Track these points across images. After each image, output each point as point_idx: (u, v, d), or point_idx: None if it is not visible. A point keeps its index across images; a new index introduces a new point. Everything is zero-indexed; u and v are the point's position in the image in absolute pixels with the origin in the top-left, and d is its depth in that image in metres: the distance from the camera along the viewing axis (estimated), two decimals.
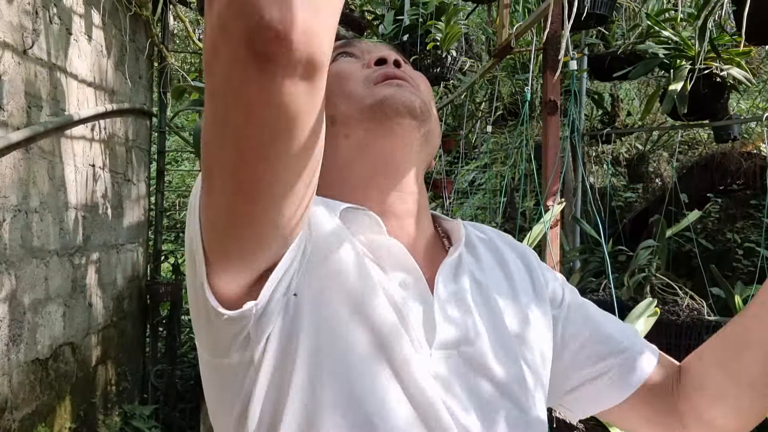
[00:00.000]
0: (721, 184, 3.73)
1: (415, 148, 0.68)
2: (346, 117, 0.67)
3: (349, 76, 0.69)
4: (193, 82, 3.36)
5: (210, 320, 0.56)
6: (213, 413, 0.64)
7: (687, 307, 2.17)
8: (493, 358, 0.62)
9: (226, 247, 0.52)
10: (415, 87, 0.68)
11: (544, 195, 1.91)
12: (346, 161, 0.68)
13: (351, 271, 0.59)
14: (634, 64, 2.48)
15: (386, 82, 0.67)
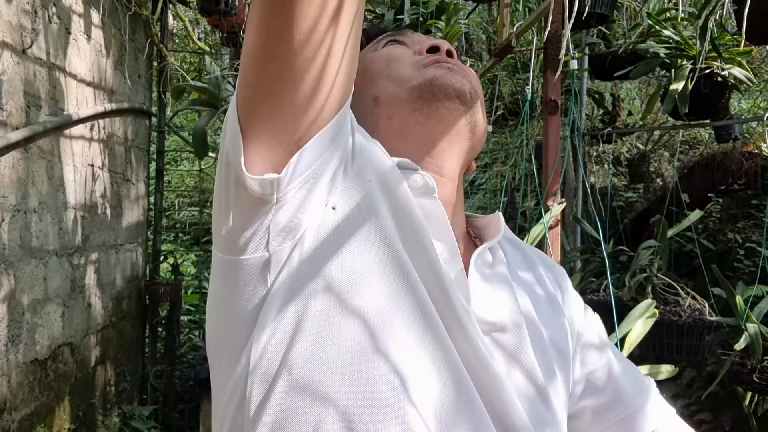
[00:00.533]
0: (722, 184, 3.72)
1: (460, 136, 0.65)
2: (391, 97, 0.65)
3: (398, 59, 0.68)
4: (192, 82, 3.35)
5: (230, 199, 0.53)
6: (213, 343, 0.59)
7: (688, 307, 2.17)
8: (526, 350, 0.60)
9: (252, 102, 0.52)
10: (466, 74, 0.67)
11: (545, 195, 1.91)
12: (386, 143, 0.64)
13: (407, 216, 0.56)
14: (635, 63, 2.47)
15: (437, 64, 0.65)
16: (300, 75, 0.51)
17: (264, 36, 0.51)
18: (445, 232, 0.61)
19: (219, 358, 0.58)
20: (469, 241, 0.70)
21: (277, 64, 0.51)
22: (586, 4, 2.06)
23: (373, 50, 0.71)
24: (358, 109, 0.66)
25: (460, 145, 0.66)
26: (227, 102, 3.06)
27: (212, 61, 3.66)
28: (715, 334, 2.08)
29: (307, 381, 0.51)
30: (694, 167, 3.96)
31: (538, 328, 0.63)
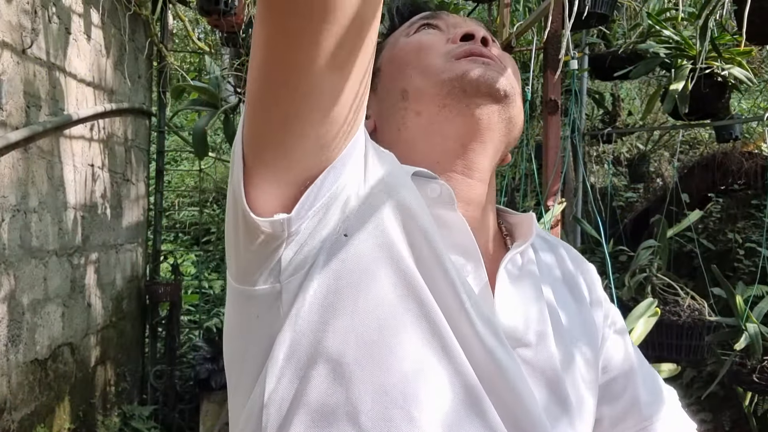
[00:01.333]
0: (722, 184, 3.72)
1: (493, 134, 0.61)
2: (419, 91, 0.61)
3: (429, 49, 0.63)
4: (192, 82, 3.35)
5: (240, 234, 0.51)
6: (229, 364, 0.57)
7: (688, 307, 2.16)
8: (554, 366, 0.58)
9: (258, 147, 0.49)
10: (501, 68, 0.62)
11: (545, 195, 1.91)
12: (413, 139, 0.62)
13: (423, 237, 0.53)
14: (635, 63, 2.47)
15: (470, 57, 0.61)
16: (310, 124, 0.47)
17: (268, 79, 0.47)
18: (468, 243, 0.57)
19: (235, 382, 0.57)
20: (501, 239, 0.67)
21: (282, 111, 0.47)
22: (586, 4, 2.06)
23: (405, 35, 0.67)
24: (385, 103, 0.63)
25: (493, 144, 0.62)
26: (227, 102, 3.06)
27: (212, 61, 3.65)
28: (715, 334, 2.08)
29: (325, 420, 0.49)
30: (694, 167, 3.96)
31: (566, 334, 0.61)
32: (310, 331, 0.50)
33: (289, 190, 0.49)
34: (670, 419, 0.70)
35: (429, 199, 0.57)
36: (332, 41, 0.44)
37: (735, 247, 3.73)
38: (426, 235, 0.53)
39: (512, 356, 0.53)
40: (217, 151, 5.24)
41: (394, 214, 0.53)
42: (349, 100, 0.48)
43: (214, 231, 5.80)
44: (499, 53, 0.64)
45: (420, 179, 0.58)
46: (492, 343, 0.52)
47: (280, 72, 0.46)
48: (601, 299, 0.71)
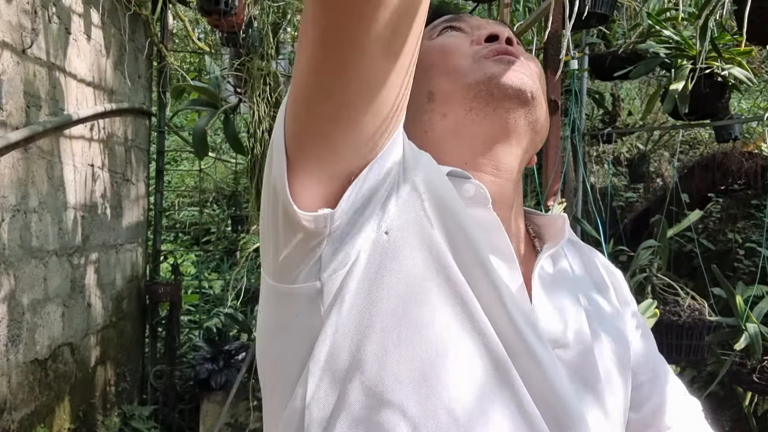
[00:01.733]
0: (722, 184, 3.72)
1: (520, 136, 0.61)
2: (446, 94, 0.61)
3: (454, 51, 0.63)
4: (192, 82, 3.35)
5: (279, 230, 0.51)
6: (265, 367, 0.57)
7: (688, 307, 2.16)
8: (591, 366, 0.57)
9: (303, 140, 0.49)
10: (527, 69, 0.61)
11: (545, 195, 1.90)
12: (440, 140, 0.62)
13: (463, 235, 0.52)
14: (635, 63, 2.47)
15: (497, 57, 0.60)
16: (359, 116, 0.47)
17: (319, 75, 0.47)
18: (503, 244, 0.57)
19: (272, 385, 0.56)
20: (529, 241, 0.66)
21: (332, 105, 0.47)
22: (586, 4, 2.06)
23: (428, 38, 0.66)
24: (411, 105, 0.61)
25: (519, 144, 0.62)
26: (227, 102, 3.06)
27: (212, 61, 3.66)
28: (715, 334, 2.08)
29: (369, 421, 0.48)
30: (694, 167, 3.96)
31: (600, 338, 0.61)
32: (351, 330, 0.49)
33: (332, 184, 0.49)
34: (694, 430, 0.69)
35: (464, 199, 0.57)
36: (386, 28, 0.44)
37: (735, 247, 3.73)
38: (465, 233, 0.53)
39: (551, 354, 0.53)
40: (217, 151, 5.24)
41: (433, 211, 0.53)
42: (397, 90, 0.48)
43: (214, 231, 5.80)
44: (523, 53, 0.64)
45: (454, 179, 0.57)
46: (532, 340, 0.52)
47: (333, 67, 0.46)
48: (628, 301, 0.70)
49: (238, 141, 2.99)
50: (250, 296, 3.67)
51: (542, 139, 0.64)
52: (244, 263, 3.26)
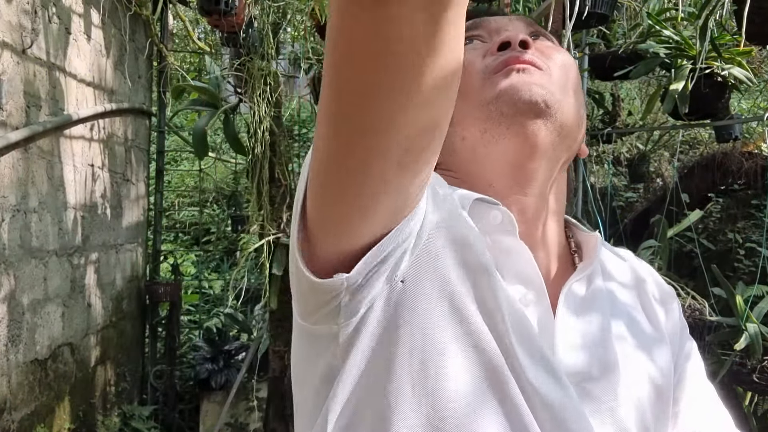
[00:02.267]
0: (722, 184, 3.72)
1: (543, 150, 0.58)
2: (462, 116, 0.58)
3: (468, 68, 0.59)
4: (192, 82, 3.35)
5: (300, 281, 0.51)
6: (295, 384, 0.58)
7: (688, 307, 2.16)
8: (622, 401, 0.54)
9: (321, 218, 0.48)
10: (543, 72, 0.58)
11: None
12: (464, 163, 0.60)
13: (478, 277, 0.51)
14: (635, 63, 2.47)
15: (506, 69, 0.57)
16: (397, 187, 0.45)
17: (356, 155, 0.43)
18: (530, 271, 0.56)
19: (300, 402, 0.58)
20: (568, 256, 0.64)
21: (346, 204, 0.45)
22: (586, 4, 2.06)
23: None
24: None
25: (545, 156, 0.58)
26: (227, 102, 3.06)
27: (212, 61, 3.65)
28: (715, 334, 2.08)
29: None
30: (694, 167, 3.96)
31: (634, 366, 0.57)
32: (368, 374, 0.50)
33: (350, 253, 0.49)
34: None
35: (491, 226, 0.56)
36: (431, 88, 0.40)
37: (735, 247, 3.73)
38: (488, 284, 0.51)
39: (569, 393, 0.51)
40: (217, 151, 5.24)
41: (450, 253, 0.52)
42: (419, 185, 0.47)
43: (213, 231, 5.80)
44: (543, 52, 0.60)
45: (482, 205, 0.57)
46: (543, 381, 0.51)
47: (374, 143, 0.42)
48: (677, 332, 0.65)
49: (238, 141, 2.99)
50: (250, 296, 3.67)
51: (575, 140, 0.61)
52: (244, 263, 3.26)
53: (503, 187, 0.59)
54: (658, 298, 0.66)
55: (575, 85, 0.61)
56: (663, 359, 0.61)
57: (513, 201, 0.59)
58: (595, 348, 0.56)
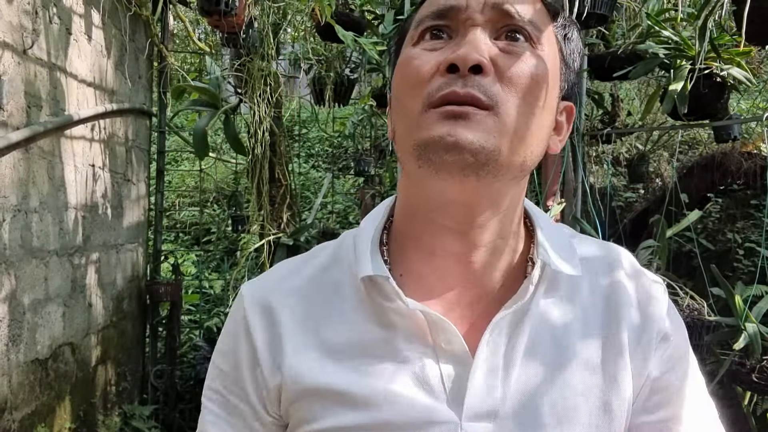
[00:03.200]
0: (721, 184, 3.72)
1: (478, 198, 0.55)
2: (400, 141, 0.56)
3: (412, 84, 0.54)
4: (193, 82, 3.36)
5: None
6: None
7: (687, 307, 2.17)
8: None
9: None
10: (487, 115, 0.52)
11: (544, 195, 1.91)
12: (406, 186, 0.60)
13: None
14: (634, 63, 2.47)
15: (443, 111, 0.52)
16: None
17: None
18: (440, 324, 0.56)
19: None
20: (519, 271, 0.60)
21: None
22: (586, 5, 2.06)
23: (411, 40, 0.58)
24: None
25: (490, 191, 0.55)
26: (227, 102, 3.07)
27: (212, 61, 3.66)
28: (714, 334, 2.08)
29: None
30: (693, 167, 3.97)
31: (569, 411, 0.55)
32: None
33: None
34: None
35: (391, 293, 0.56)
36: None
37: (734, 247, 3.73)
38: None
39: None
40: (217, 152, 5.24)
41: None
42: None
43: (214, 231, 5.80)
44: (507, 70, 0.53)
45: (377, 279, 0.57)
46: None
47: None
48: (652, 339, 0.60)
49: (239, 141, 3.00)
50: None
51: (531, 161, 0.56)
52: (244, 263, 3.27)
53: (443, 221, 0.58)
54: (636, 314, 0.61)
55: (544, 98, 0.55)
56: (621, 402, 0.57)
57: (448, 239, 0.58)
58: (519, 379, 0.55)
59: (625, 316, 0.60)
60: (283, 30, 3.55)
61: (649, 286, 0.64)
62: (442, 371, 0.55)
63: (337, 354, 0.57)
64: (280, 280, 0.62)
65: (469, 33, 0.54)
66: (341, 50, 3.65)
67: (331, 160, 6.61)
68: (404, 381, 0.55)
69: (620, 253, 0.65)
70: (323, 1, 2.47)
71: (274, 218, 3.54)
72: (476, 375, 0.55)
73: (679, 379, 0.60)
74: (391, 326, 0.57)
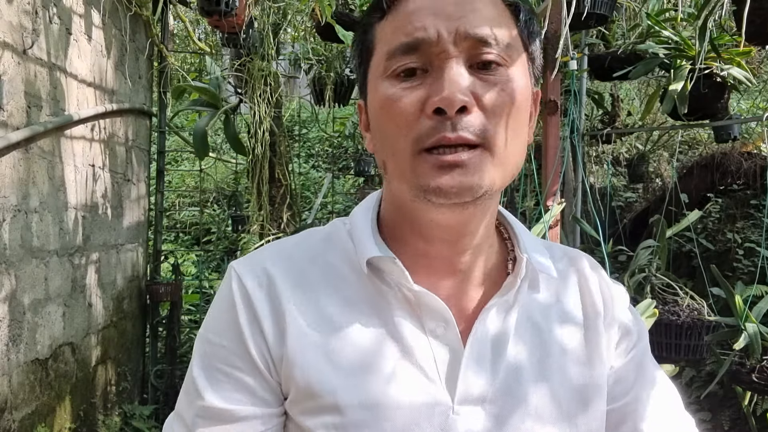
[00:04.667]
0: (721, 184, 3.72)
1: (480, 210, 0.59)
2: (393, 175, 0.58)
3: (399, 125, 0.55)
4: (193, 82, 3.36)
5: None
6: None
7: (687, 307, 2.17)
8: (531, 420, 0.57)
9: None
10: (477, 153, 0.53)
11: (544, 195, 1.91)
12: (392, 200, 0.62)
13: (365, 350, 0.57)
14: (634, 63, 2.48)
15: (437, 160, 0.53)
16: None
17: None
18: (437, 308, 0.58)
19: None
20: (500, 268, 0.64)
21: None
22: (585, 5, 2.06)
23: (382, 73, 0.57)
24: (377, 154, 0.61)
25: (474, 221, 0.59)
26: (228, 102, 3.07)
27: (213, 61, 3.66)
28: (714, 334, 2.08)
29: None
30: (693, 167, 3.97)
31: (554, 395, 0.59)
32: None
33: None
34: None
35: (395, 273, 0.59)
36: None
37: (734, 247, 3.73)
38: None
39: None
40: (217, 152, 5.24)
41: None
42: None
43: (214, 231, 5.80)
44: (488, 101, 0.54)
45: (380, 260, 0.59)
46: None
47: None
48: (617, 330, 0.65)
49: (239, 141, 3.00)
50: None
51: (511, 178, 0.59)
52: None
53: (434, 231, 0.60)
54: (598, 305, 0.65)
55: (525, 116, 0.58)
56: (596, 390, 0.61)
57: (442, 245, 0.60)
58: (508, 366, 0.59)
59: (598, 310, 0.65)
60: (283, 30, 3.55)
61: (610, 284, 0.68)
62: (435, 356, 0.57)
63: (336, 332, 0.58)
64: (274, 254, 0.63)
65: (445, 68, 0.53)
66: (341, 50, 3.65)
67: (331, 160, 6.61)
68: (402, 364, 0.57)
69: (581, 254, 0.70)
70: (323, 1, 2.47)
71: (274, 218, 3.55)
72: (467, 361, 0.57)
73: (641, 367, 0.66)
74: (389, 310, 0.59)
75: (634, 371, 0.65)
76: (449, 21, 0.54)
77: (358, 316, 0.58)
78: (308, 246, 0.64)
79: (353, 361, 0.56)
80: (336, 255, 0.62)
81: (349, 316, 0.58)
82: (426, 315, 0.58)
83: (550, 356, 0.60)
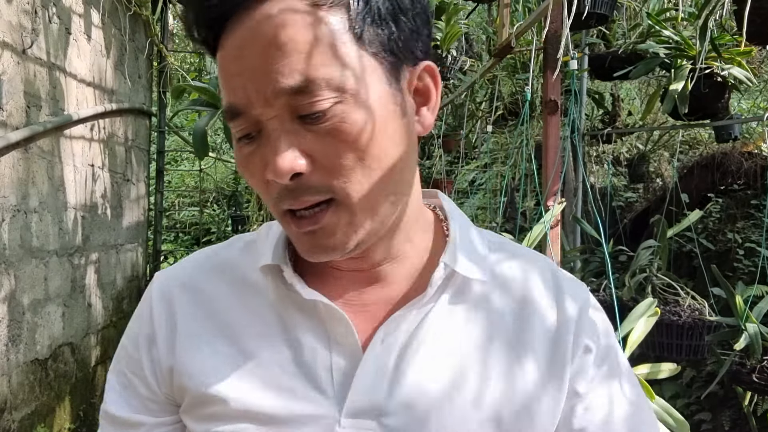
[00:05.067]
0: (721, 184, 3.72)
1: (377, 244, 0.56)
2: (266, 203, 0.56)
3: (255, 184, 0.53)
4: (192, 82, 3.35)
5: None
6: None
7: (688, 307, 2.17)
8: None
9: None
10: (336, 200, 0.49)
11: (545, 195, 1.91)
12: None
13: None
14: (634, 63, 2.48)
15: (296, 229, 0.51)
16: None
17: None
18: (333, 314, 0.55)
19: None
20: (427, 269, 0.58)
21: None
22: (586, 4, 2.06)
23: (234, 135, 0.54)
24: None
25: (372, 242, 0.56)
26: None
27: (212, 61, 3.66)
28: (715, 334, 2.08)
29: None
30: (693, 167, 3.96)
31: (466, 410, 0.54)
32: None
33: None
34: None
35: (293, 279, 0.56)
36: None
37: (735, 247, 3.73)
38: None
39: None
40: (217, 152, 5.24)
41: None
42: None
43: (214, 231, 5.80)
44: (324, 151, 0.48)
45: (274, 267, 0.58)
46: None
47: None
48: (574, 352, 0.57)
49: None
50: None
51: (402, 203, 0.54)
52: None
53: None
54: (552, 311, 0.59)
55: (383, 140, 0.49)
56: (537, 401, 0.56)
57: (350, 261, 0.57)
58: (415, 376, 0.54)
59: (538, 328, 0.57)
60: None
61: (571, 297, 0.60)
62: (332, 364, 0.54)
63: (232, 341, 0.57)
64: (193, 267, 0.63)
65: (266, 135, 0.49)
66: None
67: None
68: (291, 371, 0.55)
69: (543, 263, 0.63)
70: None
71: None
72: (363, 370, 0.54)
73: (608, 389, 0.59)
74: (289, 316, 0.57)
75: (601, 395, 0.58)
76: (256, 79, 0.47)
77: (258, 325, 0.57)
78: (225, 255, 0.63)
79: (245, 370, 0.55)
80: (249, 263, 0.61)
81: (248, 325, 0.57)
82: (327, 323, 0.55)
83: (464, 378, 0.55)
